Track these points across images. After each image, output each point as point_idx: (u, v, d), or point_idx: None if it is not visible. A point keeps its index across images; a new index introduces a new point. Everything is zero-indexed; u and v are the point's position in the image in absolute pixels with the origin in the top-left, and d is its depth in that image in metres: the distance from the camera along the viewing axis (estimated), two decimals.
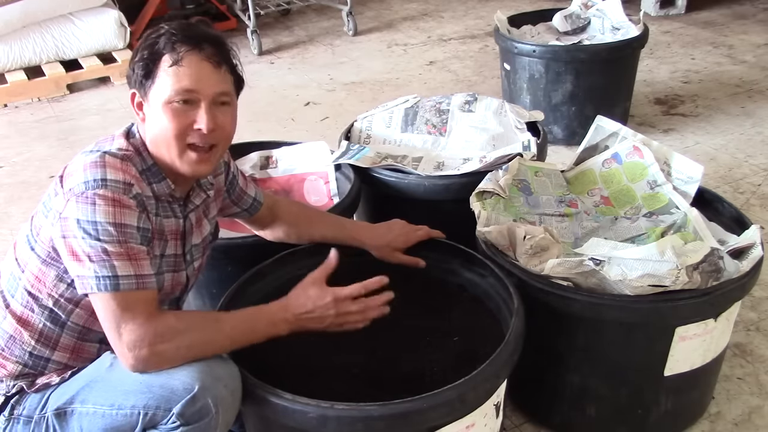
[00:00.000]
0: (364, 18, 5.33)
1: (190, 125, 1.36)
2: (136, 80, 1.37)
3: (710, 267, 1.53)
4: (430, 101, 2.42)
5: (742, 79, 3.93)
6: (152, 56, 1.35)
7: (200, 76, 1.35)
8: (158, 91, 1.35)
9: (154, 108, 1.36)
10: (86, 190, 1.27)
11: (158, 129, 1.37)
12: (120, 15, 4.49)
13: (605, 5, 3.45)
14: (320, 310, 1.40)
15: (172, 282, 1.48)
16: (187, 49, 1.34)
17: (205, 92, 1.36)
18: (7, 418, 1.36)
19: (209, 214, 1.59)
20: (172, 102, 1.34)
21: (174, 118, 1.35)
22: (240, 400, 1.34)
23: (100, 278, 1.25)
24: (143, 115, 1.39)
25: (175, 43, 1.34)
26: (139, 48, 1.37)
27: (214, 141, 1.40)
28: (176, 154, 1.38)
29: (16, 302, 1.39)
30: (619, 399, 1.71)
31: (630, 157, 1.99)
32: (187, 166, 1.39)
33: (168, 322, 1.28)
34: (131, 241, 1.28)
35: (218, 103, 1.38)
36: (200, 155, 1.39)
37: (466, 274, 1.73)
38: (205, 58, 1.35)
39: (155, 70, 1.35)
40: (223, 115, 1.40)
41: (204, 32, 1.38)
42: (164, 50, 1.34)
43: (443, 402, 1.29)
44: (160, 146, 1.38)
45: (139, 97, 1.39)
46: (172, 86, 1.33)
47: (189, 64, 1.34)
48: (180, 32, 1.35)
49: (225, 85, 1.39)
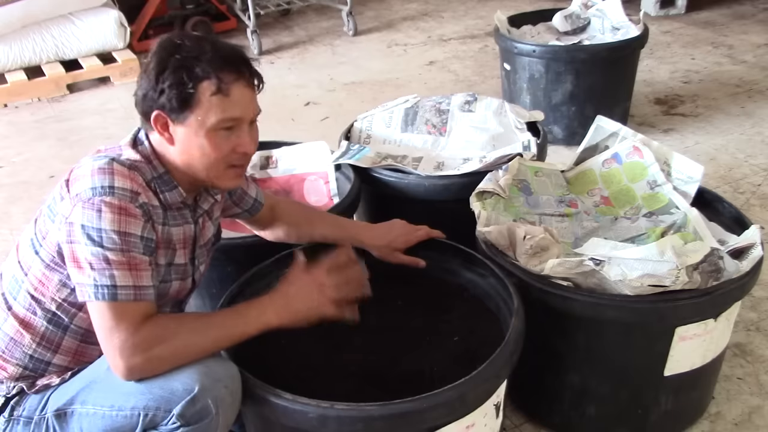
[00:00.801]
0: (364, 18, 5.33)
1: (233, 150, 1.38)
2: (167, 104, 1.32)
3: (710, 267, 1.53)
4: (430, 101, 2.42)
5: (742, 79, 3.93)
6: (191, 81, 1.30)
7: (245, 104, 1.36)
8: (199, 118, 1.32)
9: (192, 133, 1.34)
10: (93, 196, 1.27)
11: (198, 154, 1.36)
12: (120, 15, 4.49)
13: (605, 5, 3.45)
14: (302, 287, 1.42)
15: (179, 288, 1.48)
16: (232, 78, 1.33)
17: (248, 117, 1.38)
18: (7, 419, 1.36)
19: (213, 216, 1.59)
20: (217, 130, 1.34)
21: (218, 146, 1.36)
22: (240, 401, 1.34)
23: (99, 287, 1.25)
24: (169, 136, 1.36)
25: (219, 71, 1.31)
26: (167, 69, 1.31)
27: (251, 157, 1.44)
28: (216, 175, 1.39)
29: (18, 305, 1.39)
30: (619, 399, 1.71)
31: (630, 157, 1.99)
32: (228, 182, 1.43)
33: (157, 326, 1.27)
34: (134, 251, 1.28)
35: (253, 122, 1.42)
36: (238, 171, 1.42)
37: (466, 274, 1.73)
38: (247, 84, 1.36)
39: (195, 96, 1.31)
40: (255, 131, 1.43)
41: (238, 54, 1.37)
42: (205, 77, 1.31)
43: (443, 402, 1.29)
44: (197, 168, 1.38)
45: (166, 118, 1.34)
46: (218, 115, 1.33)
47: (235, 93, 1.33)
48: (218, 56, 1.32)
49: (258, 103, 1.42)
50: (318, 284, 1.43)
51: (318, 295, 1.42)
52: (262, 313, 1.37)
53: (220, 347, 1.35)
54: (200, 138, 1.34)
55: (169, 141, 1.37)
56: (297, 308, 1.40)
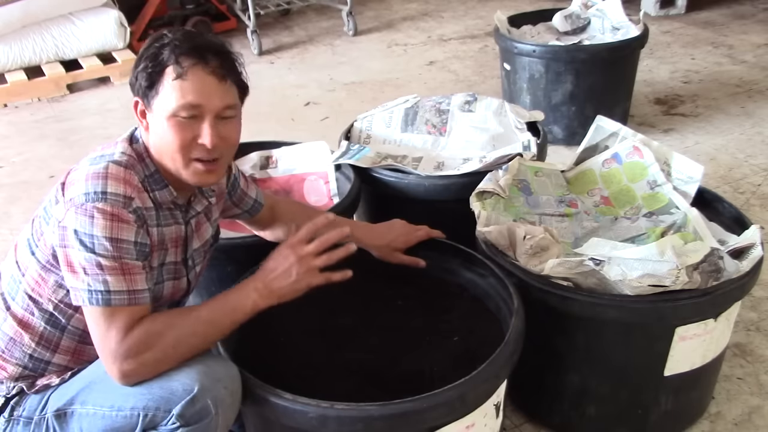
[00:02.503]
0: (364, 18, 5.33)
1: (194, 139, 1.35)
2: (140, 90, 1.35)
3: (710, 267, 1.53)
4: (430, 101, 2.42)
5: (742, 79, 3.93)
6: (156, 67, 1.32)
7: (205, 91, 1.33)
8: (162, 103, 1.33)
9: (157, 119, 1.35)
10: (86, 202, 1.27)
11: (162, 141, 1.36)
12: (120, 15, 4.49)
13: (605, 5, 3.45)
14: (280, 261, 1.39)
15: (173, 289, 1.48)
16: (192, 62, 1.31)
17: (210, 107, 1.34)
18: (7, 419, 1.36)
19: (211, 218, 1.59)
20: (176, 116, 1.33)
21: (178, 133, 1.33)
22: (240, 401, 1.34)
23: (93, 292, 1.25)
24: (146, 124, 1.38)
25: (180, 55, 1.31)
26: (143, 56, 1.35)
27: (218, 155, 1.38)
28: (181, 166, 1.37)
29: (16, 305, 1.39)
30: (619, 399, 1.71)
31: (630, 157, 1.99)
32: (194, 176, 1.38)
33: (147, 327, 1.27)
34: (126, 257, 1.28)
35: (222, 117, 1.37)
36: (206, 166, 1.38)
37: (466, 274, 1.73)
38: (211, 72, 1.33)
39: (159, 81, 1.32)
40: (226, 128, 1.38)
41: (209, 43, 1.35)
42: (168, 62, 1.31)
43: (443, 402, 1.29)
44: (164, 157, 1.37)
45: (142, 105, 1.37)
46: (176, 100, 1.32)
47: (194, 78, 1.32)
48: (184, 43, 1.32)
49: (229, 97, 1.37)
50: (297, 256, 1.38)
51: (299, 267, 1.37)
52: (246, 297, 1.35)
53: (212, 340, 1.35)
54: (163, 124, 1.34)
55: (146, 129, 1.38)
56: (280, 285, 1.37)
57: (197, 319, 1.33)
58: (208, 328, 1.33)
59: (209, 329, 1.33)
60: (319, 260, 1.40)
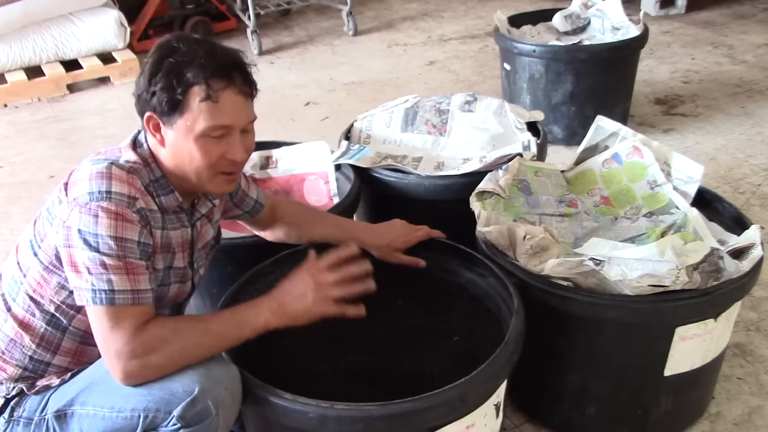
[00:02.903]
0: (364, 18, 5.33)
1: (222, 156, 1.36)
2: (158, 107, 1.32)
3: (710, 267, 1.53)
4: (430, 101, 2.42)
5: (742, 79, 3.93)
6: (180, 86, 1.30)
7: (235, 112, 1.34)
8: (188, 123, 1.32)
9: (181, 138, 1.34)
10: (90, 201, 1.27)
11: (188, 159, 1.35)
12: (120, 15, 4.49)
13: (605, 5, 3.45)
14: (298, 284, 1.39)
15: (177, 291, 1.48)
16: (222, 85, 1.31)
17: (239, 125, 1.36)
18: (7, 420, 1.36)
19: (213, 219, 1.59)
20: (206, 136, 1.33)
21: (208, 152, 1.34)
22: (240, 402, 1.34)
23: (97, 291, 1.25)
24: (161, 138, 1.36)
25: (209, 77, 1.30)
26: (159, 72, 1.30)
27: (243, 165, 1.42)
28: (206, 180, 1.38)
29: (17, 306, 1.39)
30: (619, 399, 1.71)
31: (630, 157, 1.99)
32: (218, 188, 1.41)
33: (155, 331, 1.27)
34: (130, 256, 1.28)
35: (246, 131, 1.39)
36: (229, 177, 1.40)
37: (466, 274, 1.73)
38: (239, 92, 1.34)
39: (184, 101, 1.30)
40: (248, 139, 1.41)
41: (232, 60, 1.35)
42: (195, 82, 1.30)
43: (443, 402, 1.29)
44: (187, 172, 1.37)
45: (158, 120, 1.34)
46: (206, 122, 1.31)
47: (225, 100, 1.32)
48: (210, 61, 1.30)
49: (252, 112, 1.40)
50: (316, 283, 1.39)
51: (315, 294, 1.38)
52: (259, 315, 1.35)
53: (217, 352, 1.35)
54: (189, 143, 1.33)
55: (161, 143, 1.37)
56: (294, 308, 1.37)
57: (206, 331, 1.33)
58: (216, 340, 1.33)
59: (217, 341, 1.33)
60: (336, 291, 1.40)
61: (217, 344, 1.33)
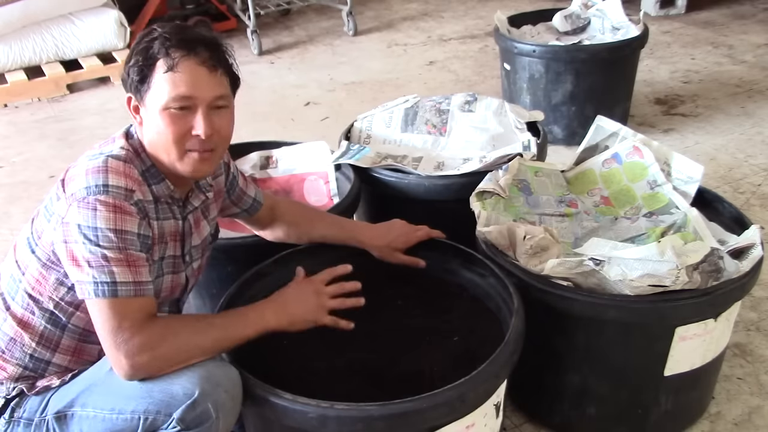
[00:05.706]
0: (364, 18, 5.33)
1: (188, 131, 1.35)
2: (131, 85, 1.36)
3: (710, 267, 1.53)
4: (430, 101, 2.42)
5: (742, 79, 3.93)
6: (147, 61, 1.33)
7: (196, 82, 1.33)
8: (154, 96, 1.34)
9: (150, 113, 1.35)
10: (88, 195, 1.27)
11: (156, 134, 1.36)
12: (120, 15, 4.49)
13: (605, 5, 3.45)
14: (298, 289, 1.52)
15: (172, 283, 1.48)
16: (181, 54, 1.32)
17: (202, 98, 1.35)
18: (7, 420, 1.36)
19: (209, 216, 1.59)
20: (168, 108, 1.33)
21: (171, 125, 1.34)
22: (240, 405, 1.34)
23: (99, 284, 1.25)
24: (140, 119, 1.39)
25: (169, 48, 1.32)
26: (133, 52, 1.36)
27: (212, 146, 1.39)
28: (176, 158, 1.37)
29: (16, 304, 1.39)
30: (619, 399, 1.71)
31: (630, 157, 1.99)
32: (188, 167, 1.38)
33: (159, 327, 1.28)
34: (131, 248, 1.28)
35: (215, 107, 1.37)
36: (201, 155, 1.38)
37: (466, 274, 1.73)
38: (201, 63, 1.33)
39: (150, 75, 1.33)
40: (219, 118, 1.39)
41: (198, 35, 1.36)
42: (158, 55, 1.32)
43: (443, 402, 1.29)
44: (159, 150, 1.38)
45: (134, 101, 1.38)
46: (168, 93, 1.32)
47: (184, 69, 1.32)
48: (174, 36, 1.33)
49: (221, 88, 1.38)
50: (316, 292, 1.52)
51: (315, 301, 1.50)
52: (260, 316, 1.41)
53: (220, 348, 1.36)
54: (156, 117, 1.34)
55: (140, 124, 1.39)
56: (294, 312, 1.46)
57: (211, 326, 1.36)
58: (220, 336, 1.35)
59: (220, 337, 1.35)
60: (332, 302, 1.53)
61: (219, 342, 1.34)
